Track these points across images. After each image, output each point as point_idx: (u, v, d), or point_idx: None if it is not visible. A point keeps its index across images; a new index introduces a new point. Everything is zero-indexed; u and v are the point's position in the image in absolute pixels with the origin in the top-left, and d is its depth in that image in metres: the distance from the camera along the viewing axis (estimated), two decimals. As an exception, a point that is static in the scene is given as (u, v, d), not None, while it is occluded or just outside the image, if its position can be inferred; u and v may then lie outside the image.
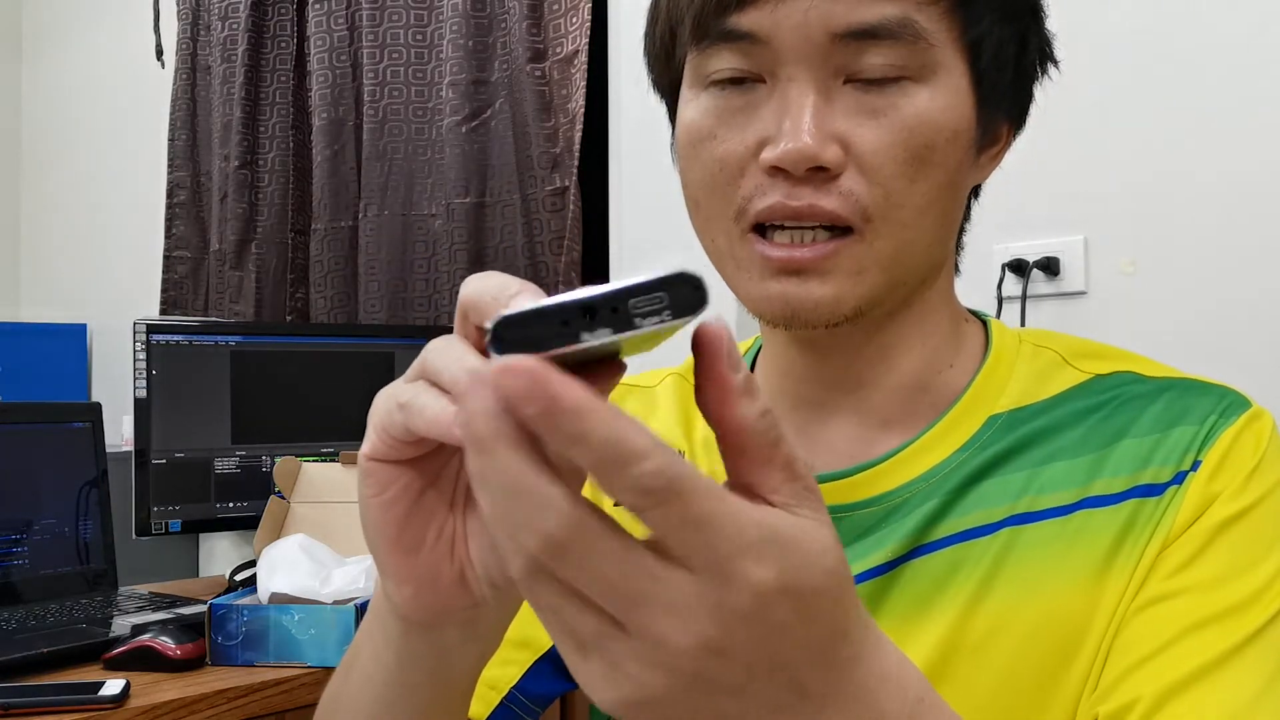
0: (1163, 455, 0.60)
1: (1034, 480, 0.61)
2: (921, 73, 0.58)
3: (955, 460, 0.63)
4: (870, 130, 0.57)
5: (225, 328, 2.01)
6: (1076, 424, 0.63)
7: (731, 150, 0.60)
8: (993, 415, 0.64)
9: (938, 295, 0.66)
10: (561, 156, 2.01)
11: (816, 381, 0.67)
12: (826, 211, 0.57)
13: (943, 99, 0.58)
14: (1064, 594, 0.58)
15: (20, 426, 1.64)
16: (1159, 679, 0.54)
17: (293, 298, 2.46)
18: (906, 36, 0.57)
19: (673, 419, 0.74)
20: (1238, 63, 1.44)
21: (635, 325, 0.34)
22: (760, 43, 0.58)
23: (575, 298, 0.34)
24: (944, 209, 0.61)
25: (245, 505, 1.84)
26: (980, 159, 0.64)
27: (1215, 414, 0.61)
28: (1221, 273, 1.45)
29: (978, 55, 0.60)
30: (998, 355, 0.67)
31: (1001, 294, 1.59)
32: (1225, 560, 0.57)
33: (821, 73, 0.57)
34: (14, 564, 1.58)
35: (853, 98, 0.58)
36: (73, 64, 3.29)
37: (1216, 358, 1.42)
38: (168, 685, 1.21)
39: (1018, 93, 0.64)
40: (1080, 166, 1.53)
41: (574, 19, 1.99)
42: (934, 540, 0.61)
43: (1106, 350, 0.68)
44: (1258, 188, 1.43)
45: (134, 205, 2.97)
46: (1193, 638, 0.55)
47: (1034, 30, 0.64)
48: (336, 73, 2.36)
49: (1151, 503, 0.59)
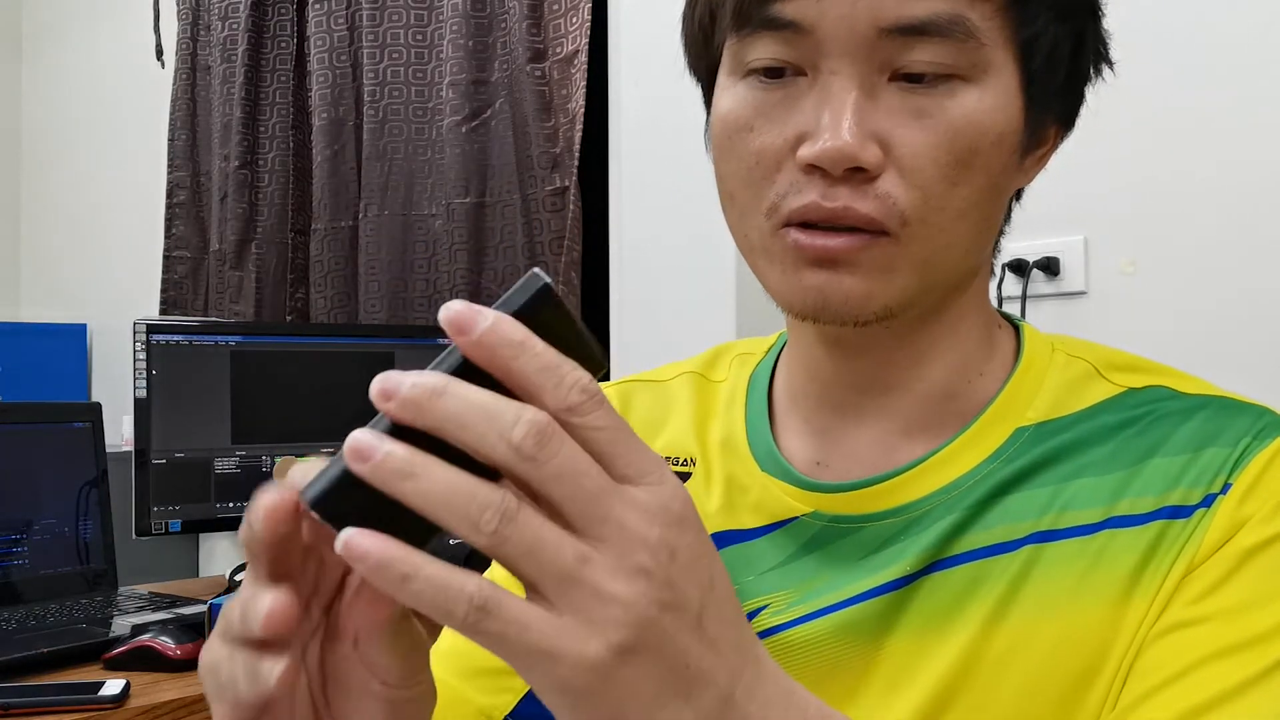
0: (1193, 477, 0.58)
1: (1059, 496, 0.60)
2: (971, 72, 0.56)
3: (979, 473, 0.61)
4: (913, 132, 0.55)
5: (225, 328, 2.01)
6: (1106, 439, 0.61)
7: (769, 144, 0.57)
8: (1020, 427, 0.62)
9: (972, 300, 0.64)
10: (561, 156, 2.01)
11: (843, 384, 0.65)
12: (862, 215, 0.55)
13: (991, 100, 0.56)
14: (1086, 614, 0.57)
15: (20, 426, 1.64)
16: (1175, 705, 0.53)
17: (293, 298, 2.46)
18: (957, 34, 0.54)
19: (688, 419, 0.72)
20: (1238, 63, 1.44)
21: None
22: (804, 33, 0.55)
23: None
24: (984, 214, 0.59)
25: (245, 505, 1.83)
26: (1025, 162, 0.62)
27: (1250, 436, 0.59)
28: (1221, 273, 1.45)
29: (1030, 55, 0.58)
30: (1028, 364, 0.65)
31: (1001, 294, 1.59)
32: (1251, 588, 0.55)
33: (866, 68, 0.55)
34: (14, 564, 1.58)
35: (897, 96, 0.56)
36: (73, 64, 3.29)
37: (1216, 358, 1.42)
38: (168, 685, 1.21)
39: (1069, 94, 0.62)
40: (1080, 166, 1.53)
41: (574, 19, 1.98)
42: (954, 555, 0.60)
43: (1142, 363, 0.65)
44: (1258, 188, 1.43)
45: (134, 205, 2.97)
46: (1212, 665, 0.53)
47: (1091, 30, 0.62)
48: (336, 73, 2.36)
49: (1179, 525, 0.57)
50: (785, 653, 0.62)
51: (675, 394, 0.74)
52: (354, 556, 0.36)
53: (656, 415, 0.73)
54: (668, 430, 0.72)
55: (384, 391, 0.37)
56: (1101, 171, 1.52)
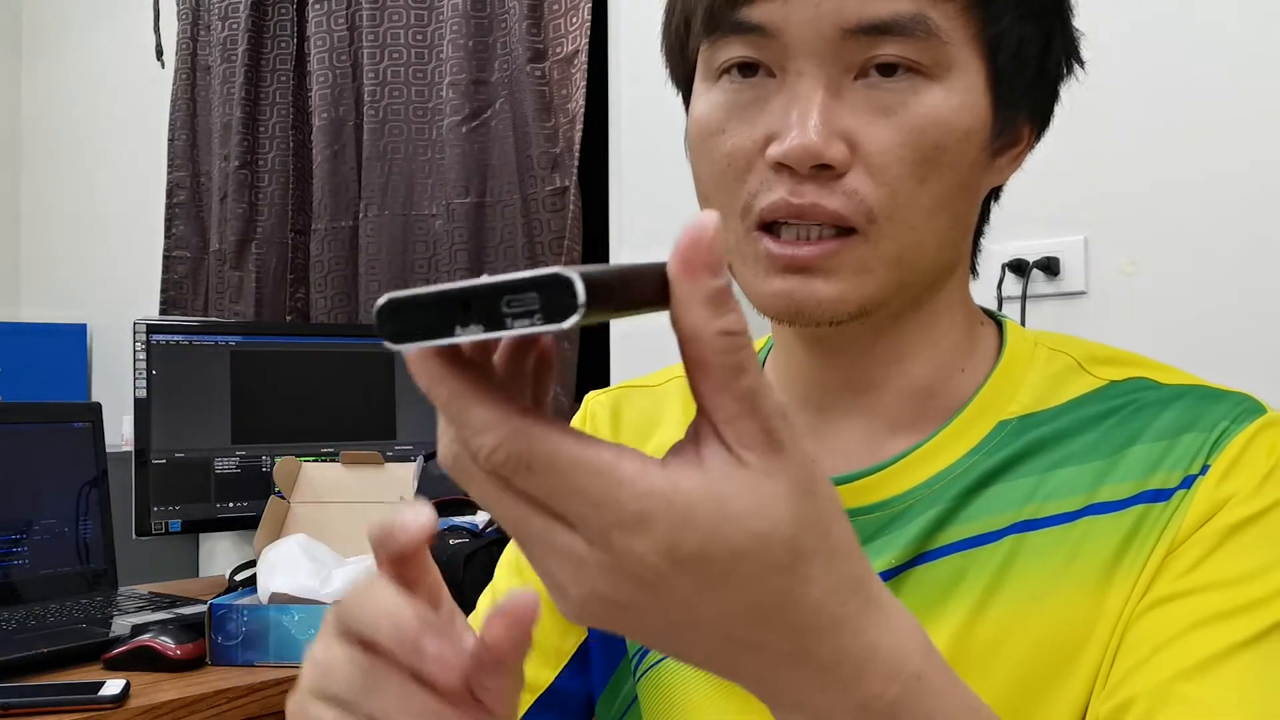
0: (1171, 461, 0.59)
1: (1041, 486, 0.61)
2: (935, 70, 0.57)
3: (962, 466, 0.62)
4: (879, 129, 0.56)
5: (225, 328, 2.01)
6: (1088, 430, 0.62)
7: (739, 145, 0.59)
8: (1003, 420, 0.63)
9: (950, 297, 0.65)
10: (561, 156, 2.01)
11: (824, 383, 0.66)
12: (829, 211, 0.56)
13: (956, 98, 0.57)
14: (1068, 601, 0.58)
15: (20, 426, 1.64)
16: (1165, 669, 0.54)
17: (293, 298, 2.46)
18: (919, 33, 0.56)
19: (679, 422, 0.73)
20: (1238, 63, 1.44)
21: (506, 325, 0.33)
22: (770, 35, 0.57)
23: (450, 287, 0.34)
24: (955, 211, 0.60)
25: (245, 505, 1.84)
26: (998, 160, 0.63)
27: (1228, 420, 0.60)
28: (1221, 273, 1.45)
29: (996, 53, 0.59)
30: (1010, 359, 0.66)
31: (1001, 294, 1.59)
32: (1236, 562, 0.56)
33: (832, 68, 0.56)
34: (14, 564, 1.58)
35: (863, 95, 0.57)
36: (73, 64, 3.29)
37: (1217, 358, 1.42)
38: (168, 685, 1.21)
39: (1040, 92, 0.63)
40: (1080, 166, 1.53)
41: (574, 19, 1.99)
42: (939, 547, 0.61)
43: (1124, 356, 0.66)
44: (1258, 188, 1.43)
45: (134, 205, 2.97)
46: (1201, 631, 0.54)
47: (1060, 29, 0.62)
48: (336, 73, 2.36)
49: (1158, 508, 0.58)
50: None
51: (668, 398, 0.76)
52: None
53: (649, 419, 0.75)
54: (660, 434, 0.73)
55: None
56: (1101, 171, 1.52)
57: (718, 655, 0.38)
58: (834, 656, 0.38)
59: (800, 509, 0.36)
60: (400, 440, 1.95)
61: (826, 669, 0.38)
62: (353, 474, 1.59)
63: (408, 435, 1.96)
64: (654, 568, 0.35)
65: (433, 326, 0.34)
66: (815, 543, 0.36)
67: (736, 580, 0.35)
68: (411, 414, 1.96)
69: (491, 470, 0.35)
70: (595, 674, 0.74)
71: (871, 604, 0.39)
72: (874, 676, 0.39)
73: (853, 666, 0.38)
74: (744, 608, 0.36)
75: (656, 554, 0.34)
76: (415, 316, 0.34)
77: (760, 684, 0.39)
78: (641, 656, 0.69)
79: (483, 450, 0.35)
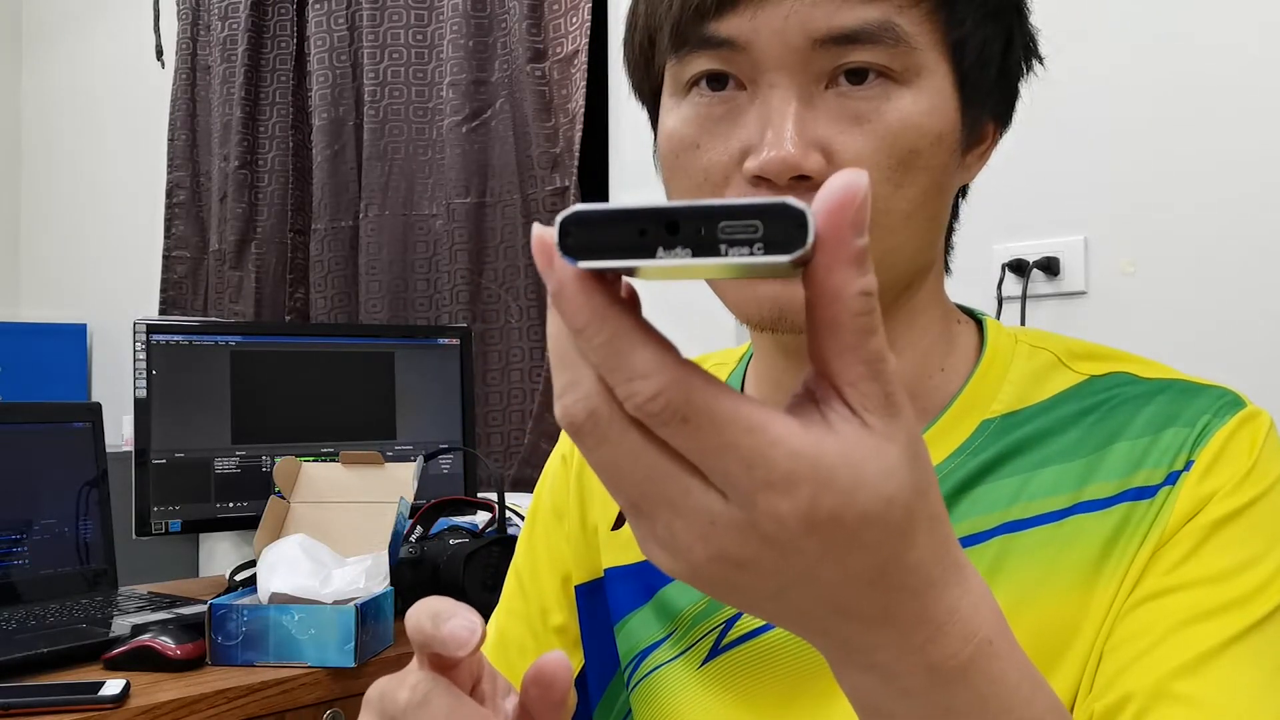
0: (1155, 458, 0.60)
1: (1026, 486, 0.61)
2: (904, 76, 0.57)
3: (946, 467, 0.62)
4: (853, 137, 0.57)
5: (225, 328, 2.01)
6: (1070, 427, 0.62)
7: (715, 160, 0.59)
8: (985, 420, 0.64)
9: (926, 297, 0.65)
10: (561, 156, 2.01)
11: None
12: None
13: (927, 102, 0.58)
14: (1055, 599, 0.58)
15: (20, 426, 1.64)
16: (1159, 668, 0.54)
17: (293, 298, 2.46)
18: (888, 40, 0.56)
19: None
20: (1239, 63, 1.44)
21: (720, 252, 0.30)
22: (740, 49, 0.57)
23: (658, 205, 0.30)
24: (930, 213, 0.60)
25: (245, 505, 1.84)
26: (966, 159, 0.63)
27: (1209, 414, 0.60)
28: (1222, 273, 1.45)
29: (961, 56, 0.59)
30: (991, 357, 0.66)
31: (1001, 294, 1.59)
32: (1223, 557, 0.56)
33: (803, 79, 0.57)
34: (14, 564, 1.58)
35: (835, 103, 0.57)
36: (73, 64, 3.29)
37: (1216, 358, 1.42)
38: (168, 685, 1.21)
39: (1002, 91, 0.64)
40: (1080, 166, 1.53)
41: (574, 19, 1.99)
42: None
43: (1104, 351, 0.67)
44: (1258, 188, 1.43)
45: (134, 205, 2.97)
46: (1193, 628, 0.54)
47: (1018, 27, 0.63)
48: (336, 73, 2.36)
49: (1143, 505, 0.59)
50: (766, 655, 0.63)
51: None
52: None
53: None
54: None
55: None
56: (1102, 172, 1.52)
57: (816, 618, 0.38)
58: (918, 617, 0.38)
59: (914, 472, 0.36)
60: (400, 440, 1.94)
61: (908, 630, 0.38)
62: (353, 474, 1.59)
63: (408, 435, 1.96)
64: (790, 529, 0.34)
65: (629, 246, 0.31)
66: (923, 506, 0.36)
67: (859, 543, 0.35)
68: (411, 414, 1.96)
69: (643, 419, 0.33)
70: (591, 689, 0.75)
71: (955, 567, 0.39)
72: (950, 638, 0.38)
73: (933, 628, 0.38)
74: (860, 570, 0.36)
75: (795, 516, 0.34)
76: (608, 232, 0.31)
77: (844, 646, 0.39)
78: (634, 669, 0.70)
79: (639, 396, 0.33)
